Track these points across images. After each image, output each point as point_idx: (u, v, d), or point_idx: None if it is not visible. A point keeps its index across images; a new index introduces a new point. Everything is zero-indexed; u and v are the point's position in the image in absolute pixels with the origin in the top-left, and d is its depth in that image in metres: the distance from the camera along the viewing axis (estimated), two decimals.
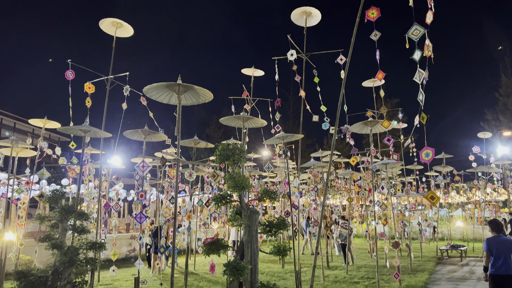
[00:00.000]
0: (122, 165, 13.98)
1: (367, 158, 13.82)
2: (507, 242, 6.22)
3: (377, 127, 10.13)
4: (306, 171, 16.68)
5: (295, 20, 11.79)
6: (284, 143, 10.15)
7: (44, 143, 11.01)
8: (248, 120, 9.45)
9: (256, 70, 13.25)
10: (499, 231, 6.35)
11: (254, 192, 14.22)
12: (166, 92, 7.18)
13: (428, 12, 6.32)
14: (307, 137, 39.38)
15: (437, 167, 16.85)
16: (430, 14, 6.32)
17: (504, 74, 37.27)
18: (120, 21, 10.56)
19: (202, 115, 47.97)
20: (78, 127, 8.39)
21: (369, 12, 7.37)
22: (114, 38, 10.83)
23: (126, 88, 10.49)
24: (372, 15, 7.36)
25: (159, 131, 10.95)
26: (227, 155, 5.16)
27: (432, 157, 5.84)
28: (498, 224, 6.44)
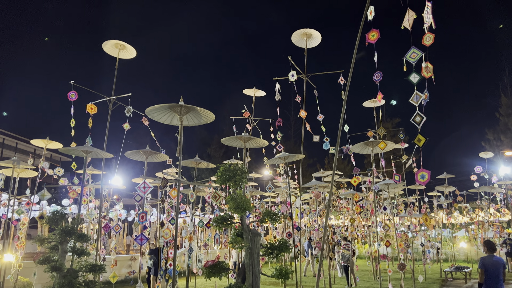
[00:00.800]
0: (123, 185, 13.94)
1: (369, 178, 13.77)
2: (499, 261, 6.96)
3: (378, 148, 10.13)
4: (307, 191, 16.59)
5: (296, 41, 11.94)
6: (285, 163, 10.14)
7: (46, 164, 11.01)
8: (249, 140, 9.47)
9: (257, 91, 13.35)
10: (492, 251, 7.09)
11: (256, 213, 14.11)
12: (168, 113, 7.22)
13: (426, 34, 6.39)
14: (309, 156, 39.35)
15: (439, 187, 16.75)
16: (429, 36, 6.39)
17: (504, 94, 37.48)
18: (123, 43, 10.71)
19: (203, 135, 48.11)
20: (80, 148, 8.41)
21: (369, 35, 7.47)
22: (117, 59, 10.97)
23: (128, 109, 10.55)
24: (372, 37, 7.46)
25: (161, 152, 10.96)
26: (229, 176, 5.14)
27: (428, 179, 5.82)
28: (492, 244, 7.20)
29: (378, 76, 7.71)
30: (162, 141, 12.06)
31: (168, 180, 6.84)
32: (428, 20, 6.42)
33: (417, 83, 6.28)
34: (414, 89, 6.26)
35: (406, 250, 15.83)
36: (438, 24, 6.47)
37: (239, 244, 4.95)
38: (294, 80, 11.43)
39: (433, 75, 6.35)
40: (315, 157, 43.59)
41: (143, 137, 25.95)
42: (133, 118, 11.05)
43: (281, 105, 12.93)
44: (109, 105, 10.71)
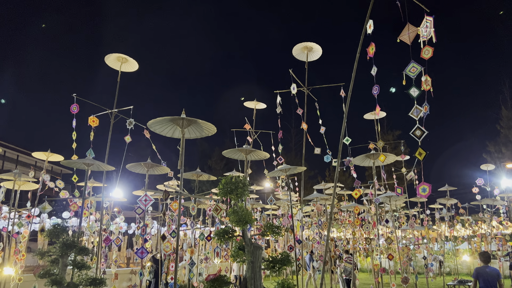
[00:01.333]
0: (123, 198, 13.91)
1: (370, 190, 13.74)
2: (493, 271, 7.21)
3: (379, 160, 10.13)
4: (309, 204, 16.54)
5: (297, 55, 12.04)
6: (286, 175, 10.13)
7: (47, 176, 11.01)
8: (250, 152, 9.48)
9: (258, 103, 13.41)
10: (487, 262, 7.44)
11: (257, 226, 14.05)
12: (170, 126, 7.25)
13: (425, 47, 6.44)
14: (310, 168, 39.28)
15: (441, 199, 16.68)
16: (428, 49, 6.44)
17: (504, 106, 37.55)
18: (125, 56, 10.80)
19: (204, 147, 48.13)
20: (81, 161, 8.42)
21: (369, 49, 7.55)
22: (119, 72, 11.05)
23: (130, 121, 10.59)
24: (372, 50, 7.53)
25: (162, 164, 10.96)
26: (230, 189, 5.14)
27: (429, 192, 5.83)
28: (486, 255, 7.58)
29: (376, 89, 7.77)
30: (163, 153, 12.08)
31: (169, 193, 6.84)
32: (429, 34, 6.49)
33: (417, 97, 6.32)
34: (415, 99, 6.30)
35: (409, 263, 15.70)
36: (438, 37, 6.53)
37: (240, 258, 4.92)
38: (295, 93, 11.50)
39: (432, 88, 6.40)
40: (316, 169, 43.49)
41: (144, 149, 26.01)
42: (135, 130, 11.09)
43: (282, 117, 13.00)
44: (110, 117, 10.76)
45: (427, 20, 6.47)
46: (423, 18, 6.42)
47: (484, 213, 18.05)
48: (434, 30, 6.43)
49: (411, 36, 6.63)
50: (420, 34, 6.46)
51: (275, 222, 16.90)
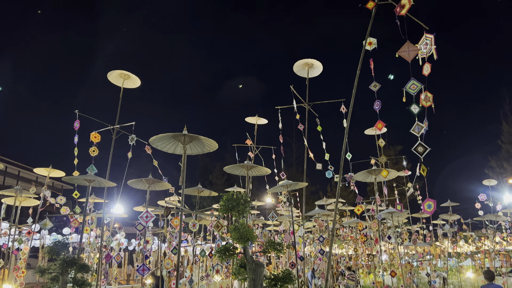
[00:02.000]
0: (124, 214, 13.86)
1: (372, 206, 13.67)
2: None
3: (381, 176, 10.11)
4: (311, 220, 16.45)
5: (298, 71, 12.14)
6: (288, 191, 10.11)
7: (48, 192, 11.01)
8: (252, 168, 9.48)
9: (259, 119, 13.47)
10: (491, 279, 7.49)
11: (258, 242, 13.95)
12: (171, 142, 7.28)
13: (425, 64, 6.51)
14: (311, 184, 39.13)
15: (444, 215, 16.58)
16: (427, 66, 6.51)
17: (505, 121, 37.61)
18: (128, 73, 10.90)
19: (205, 162, 48.07)
20: (82, 177, 8.42)
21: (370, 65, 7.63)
22: (122, 89, 11.13)
23: (131, 137, 10.63)
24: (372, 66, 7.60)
25: (163, 180, 10.96)
26: (232, 206, 5.13)
27: (434, 208, 5.81)
28: (491, 273, 7.67)
29: (378, 104, 7.81)
30: (164, 168, 12.09)
31: (170, 209, 6.82)
32: (429, 51, 6.55)
33: (417, 113, 6.35)
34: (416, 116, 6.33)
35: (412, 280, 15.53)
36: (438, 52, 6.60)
37: (242, 275, 4.88)
38: (296, 109, 11.56)
39: (433, 104, 6.43)
40: (317, 184, 43.35)
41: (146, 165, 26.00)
42: (136, 145, 11.12)
43: (283, 132, 13.04)
44: (112, 133, 10.80)
45: (427, 38, 6.54)
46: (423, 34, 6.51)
47: (487, 229, 17.91)
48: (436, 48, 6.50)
49: (411, 55, 6.70)
50: (419, 52, 6.53)
51: (276, 238, 16.79)
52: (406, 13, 6.73)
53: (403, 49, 6.82)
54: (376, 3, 7.34)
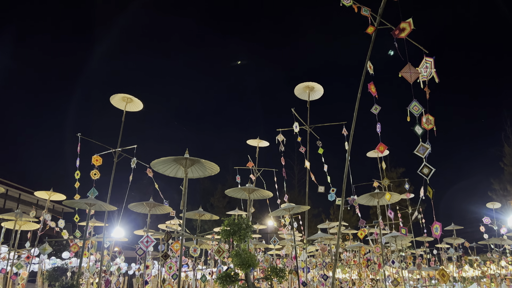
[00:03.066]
0: (124, 238, 13.71)
1: (375, 230, 13.51)
2: None
3: (384, 199, 10.03)
4: (313, 243, 16.24)
5: (299, 94, 12.22)
6: (290, 214, 10.01)
7: (48, 216, 10.93)
8: (253, 191, 9.42)
9: (261, 141, 13.48)
10: None
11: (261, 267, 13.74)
12: (173, 165, 7.26)
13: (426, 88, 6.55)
14: (314, 206, 38.79)
15: (448, 239, 16.37)
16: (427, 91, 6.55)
17: (507, 143, 37.53)
18: (130, 96, 10.99)
19: (206, 185, 47.82)
20: (83, 201, 8.37)
21: (371, 86, 7.66)
22: (124, 112, 11.20)
23: (133, 160, 10.63)
24: (373, 89, 7.64)
25: (164, 203, 10.89)
26: (233, 231, 5.07)
27: (440, 231, 5.75)
28: None
29: (379, 127, 7.81)
30: (165, 191, 12.04)
31: (171, 234, 6.73)
32: (429, 74, 6.60)
33: (421, 135, 6.35)
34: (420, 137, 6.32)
35: None
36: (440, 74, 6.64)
37: None
38: (297, 132, 11.58)
39: (434, 127, 6.44)
40: (320, 207, 42.93)
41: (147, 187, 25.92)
42: (137, 168, 11.10)
43: (285, 155, 13.02)
44: (114, 156, 10.80)
45: (427, 61, 6.60)
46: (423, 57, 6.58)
47: (493, 253, 17.62)
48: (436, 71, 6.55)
49: (413, 77, 6.75)
50: (420, 75, 6.58)
51: (278, 262, 16.53)
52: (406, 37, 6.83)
53: (404, 70, 6.88)
54: (376, 28, 7.45)
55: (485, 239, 16.15)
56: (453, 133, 61.45)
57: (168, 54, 79.35)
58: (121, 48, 75.30)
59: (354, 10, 7.72)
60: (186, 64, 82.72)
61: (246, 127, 65.57)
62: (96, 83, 73.96)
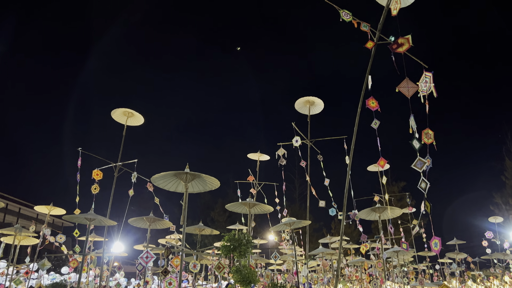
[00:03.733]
0: (124, 253, 13.61)
1: (377, 245, 13.40)
2: None
3: (385, 214, 9.97)
4: (314, 258, 16.09)
5: (299, 108, 12.25)
6: (291, 229, 9.95)
7: (47, 231, 10.86)
8: (254, 206, 9.37)
9: (261, 155, 13.47)
10: None
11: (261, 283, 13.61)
12: (173, 180, 7.24)
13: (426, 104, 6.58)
14: (315, 221, 38.50)
15: (450, 253, 16.21)
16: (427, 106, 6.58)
17: (508, 157, 37.43)
18: (131, 111, 11.03)
19: (206, 198, 47.57)
20: (83, 216, 8.34)
21: (369, 101, 7.69)
22: (125, 127, 11.23)
23: (134, 174, 10.61)
24: (372, 104, 7.66)
25: (164, 218, 10.84)
26: (234, 246, 5.03)
27: (440, 246, 5.71)
28: None
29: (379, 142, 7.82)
30: (165, 206, 11.98)
31: (171, 250, 6.68)
32: (428, 88, 6.64)
33: (419, 149, 6.36)
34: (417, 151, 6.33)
35: None
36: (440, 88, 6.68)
37: None
38: (298, 146, 11.58)
39: (434, 142, 6.44)
40: (321, 221, 42.62)
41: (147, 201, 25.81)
42: (138, 182, 11.07)
43: (285, 168, 13.00)
44: (114, 171, 10.78)
45: (426, 76, 6.64)
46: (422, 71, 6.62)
47: (496, 268, 17.42)
48: (435, 85, 6.59)
49: (411, 91, 6.78)
50: (420, 90, 6.62)
51: (279, 278, 16.36)
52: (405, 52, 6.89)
53: (402, 85, 6.91)
54: (376, 43, 7.52)
55: (488, 254, 15.99)
56: (454, 147, 61.40)
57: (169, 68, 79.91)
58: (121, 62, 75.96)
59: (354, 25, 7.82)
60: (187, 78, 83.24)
61: (247, 140, 65.54)
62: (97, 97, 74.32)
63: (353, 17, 7.74)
